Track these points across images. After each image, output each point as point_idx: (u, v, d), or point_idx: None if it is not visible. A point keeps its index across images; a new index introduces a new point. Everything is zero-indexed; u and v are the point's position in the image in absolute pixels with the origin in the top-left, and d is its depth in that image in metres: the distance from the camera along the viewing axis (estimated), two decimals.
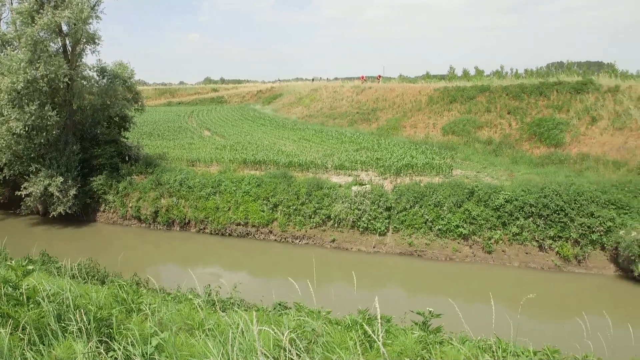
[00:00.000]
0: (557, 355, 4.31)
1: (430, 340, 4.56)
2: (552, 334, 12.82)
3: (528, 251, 20.58)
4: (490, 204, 21.29)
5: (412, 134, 38.39)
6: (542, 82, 37.51)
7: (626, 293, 17.76)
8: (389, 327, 5.37)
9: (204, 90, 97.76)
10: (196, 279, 8.26)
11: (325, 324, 4.99)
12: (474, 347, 4.55)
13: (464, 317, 5.64)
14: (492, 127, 35.17)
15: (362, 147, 33.51)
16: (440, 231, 21.60)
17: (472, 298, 17.19)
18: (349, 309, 5.97)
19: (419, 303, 16.08)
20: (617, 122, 29.28)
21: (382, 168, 26.44)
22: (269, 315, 6.24)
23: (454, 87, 42.49)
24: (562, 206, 20.27)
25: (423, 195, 22.41)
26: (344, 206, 23.01)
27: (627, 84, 33.22)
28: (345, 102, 51.13)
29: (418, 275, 20.29)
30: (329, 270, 20.47)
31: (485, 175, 25.80)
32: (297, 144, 36.41)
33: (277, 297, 8.73)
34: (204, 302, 7.32)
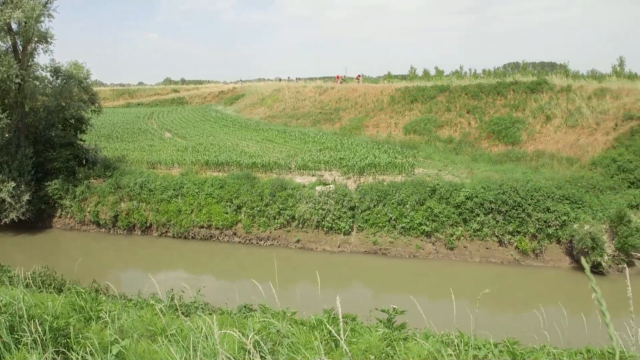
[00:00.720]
0: (516, 347, 4.43)
1: (394, 337, 4.60)
2: (512, 326, 13.21)
3: (488, 246, 21.13)
4: (452, 201, 21.74)
5: (375, 133, 38.79)
6: (499, 82, 38.63)
7: (580, 284, 18.47)
8: (354, 325, 5.39)
9: (164, 91, 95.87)
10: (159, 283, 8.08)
11: (290, 324, 4.97)
12: (437, 342, 4.62)
13: (428, 313, 5.74)
14: (453, 126, 35.94)
15: (325, 147, 33.62)
16: (403, 229, 21.90)
17: (436, 294, 17.50)
18: (315, 308, 5.97)
19: (384, 300, 16.27)
20: (570, 120, 30.44)
21: (345, 168, 26.61)
22: (234, 318, 6.17)
23: (415, 87, 43.20)
24: (519, 202, 20.90)
25: (386, 194, 22.67)
26: (308, 206, 23.03)
27: (578, 83, 34.61)
28: (308, 102, 51.19)
29: (383, 273, 20.51)
30: (294, 271, 20.44)
31: (447, 173, 26.33)
32: (260, 145, 36.20)
33: (242, 300, 8.64)
34: (166, 307, 7.18)
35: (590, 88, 32.50)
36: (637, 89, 29.90)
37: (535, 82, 35.99)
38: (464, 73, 54.23)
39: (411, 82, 47.92)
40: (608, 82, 34.62)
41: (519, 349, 4.44)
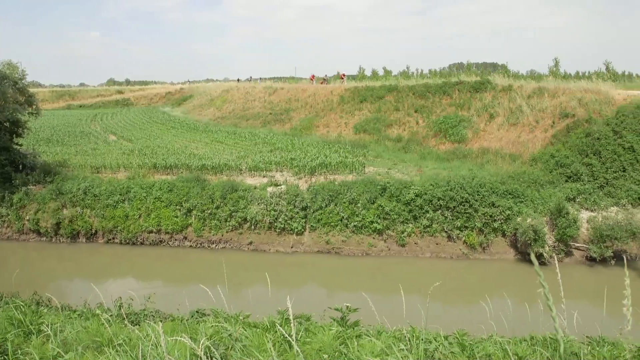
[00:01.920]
0: (465, 338, 4.56)
1: (347, 335, 4.63)
2: (462, 318, 13.61)
3: (438, 242, 21.70)
4: (402, 199, 22.16)
5: (325, 133, 39.02)
6: (445, 82, 39.78)
7: (524, 275, 19.29)
8: (308, 325, 5.39)
9: (108, 92, 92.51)
10: (107, 292, 7.80)
11: (243, 328, 4.92)
12: (390, 337, 4.68)
13: (381, 310, 5.81)
14: (401, 125, 36.68)
15: (276, 147, 33.48)
16: (355, 227, 22.13)
17: (388, 290, 17.73)
18: (270, 310, 5.92)
19: (338, 299, 16.36)
20: (512, 118, 31.73)
21: (296, 168, 26.61)
22: (186, 324, 6.04)
23: (364, 87, 43.79)
24: (466, 198, 21.58)
25: (338, 194, 22.84)
26: (260, 208, 22.86)
27: (518, 83, 36.16)
28: (258, 103, 50.85)
29: (336, 272, 20.65)
30: (247, 273, 20.22)
31: (396, 171, 26.83)
32: (209, 147, 35.59)
33: (195, 305, 8.47)
34: (114, 316, 6.93)
35: (529, 87, 34.01)
36: (570, 88, 31.54)
37: (479, 82, 37.31)
38: (411, 73, 55.52)
39: (360, 82, 48.54)
40: (545, 82, 36.35)
41: (468, 339, 4.57)
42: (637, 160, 24.11)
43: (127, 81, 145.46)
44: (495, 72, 47.86)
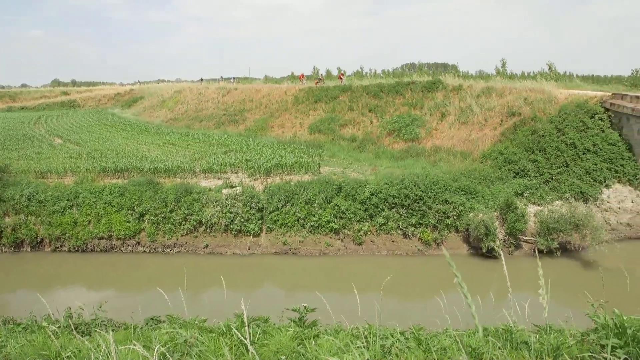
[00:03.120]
0: (421, 332, 4.63)
1: (305, 335, 4.61)
2: (417, 314, 13.89)
3: (394, 239, 22.03)
4: (358, 197, 22.37)
5: (280, 133, 38.89)
6: (397, 81, 40.51)
7: (476, 268, 19.89)
8: (266, 327, 5.33)
9: (53, 93, 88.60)
10: (54, 303, 7.44)
11: (200, 333, 4.81)
12: (348, 335, 4.69)
13: (339, 308, 5.82)
14: (355, 125, 37.04)
15: (230, 149, 33.08)
16: (312, 227, 22.17)
17: (346, 289, 17.86)
18: (227, 314, 5.81)
19: (297, 300, 16.33)
20: (462, 117, 32.66)
21: (252, 169, 26.38)
22: (139, 332, 5.85)
23: (318, 87, 43.95)
24: (420, 195, 22.02)
25: (294, 194, 22.80)
26: (216, 210, 22.51)
27: (468, 83, 37.29)
28: (211, 104, 50.10)
29: (294, 273, 20.60)
30: (204, 277, 19.85)
31: (352, 170, 27.06)
32: (162, 149, 34.75)
33: (150, 312, 8.22)
34: (62, 328, 6.62)
35: (478, 87, 35.13)
36: (517, 88, 32.79)
37: (430, 82, 38.21)
38: (365, 73, 56.19)
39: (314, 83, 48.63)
40: (493, 81, 37.66)
41: (424, 334, 4.64)
42: (578, 156, 25.33)
43: (73, 82, 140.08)
44: (446, 72, 49.22)
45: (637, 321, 3.23)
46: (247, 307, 6.06)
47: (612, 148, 25.33)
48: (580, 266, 19.73)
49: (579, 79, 42.88)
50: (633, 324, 3.10)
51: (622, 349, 2.99)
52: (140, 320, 8.36)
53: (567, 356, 3.21)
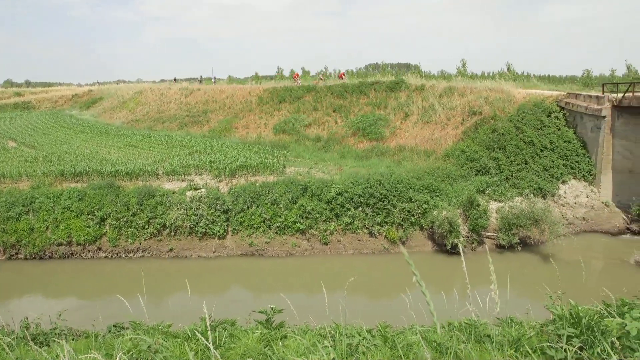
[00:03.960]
0: (388, 330, 4.67)
1: (272, 337, 4.58)
2: (384, 311, 14.02)
3: (360, 238, 22.19)
4: (323, 197, 22.42)
5: (245, 134, 38.59)
6: (361, 82, 40.84)
7: (441, 264, 20.26)
8: (233, 330, 5.28)
9: (5, 94, 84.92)
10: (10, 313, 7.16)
11: (164, 338, 4.71)
12: (316, 335, 4.69)
13: (307, 308, 5.81)
14: (320, 125, 37.13)
15: (194, 150, 32.57)
16: (278, 228, 22.09)
17: (313, 289, 17.92)
18: (194, 318, 5.72)
19: (264, 301, 16.22)
20: (425, 116, 33.20)
21: (216, 171, 26.07)
22: (102, 340, 5.69)
23: (283, 88, 43.84)
24: (385, 194, 22.26)
25: (259, 195, 22.66)
26: (180, 213, 22.14)
27: (430, 83, 37.94)
28: (174, 104, 49.23)
29: (261, 274, 20.47)
30: (169, 281, 19.49)
31: (317, 170, 27.11)
32: (123, 151, 33.90)
33: (113, 319, 8.00)
34: (17, 339, 6.36)
35: (440, 87, 35.80)
36: (477, 87, 33.61)
37: (394, 82, 38.70)
38: (329, 74, 56.26)
39: (278, 83, 48.55)
40: (455, 81, 38.45)
41: (390, 331, 4.69)
42: (536, 153, 26.17)
43: (28, 82, 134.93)
44: (409, 72, 49.89)
45: (592, 311, 3.36)
46: (214, 311, 5.99)
47: (568, 145, 26.28)
48: (540, 260, 20.37)
49: (535, 79, 44.29)
50: (587, 314, 3.22)
51: (578, 337, 3.11)
52: (103, 329, 8.14)
53: (528, 347, 3.31)
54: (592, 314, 3.27)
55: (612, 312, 3.45)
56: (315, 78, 51.47)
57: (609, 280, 18.71)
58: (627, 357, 2.82)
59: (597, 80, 39.84)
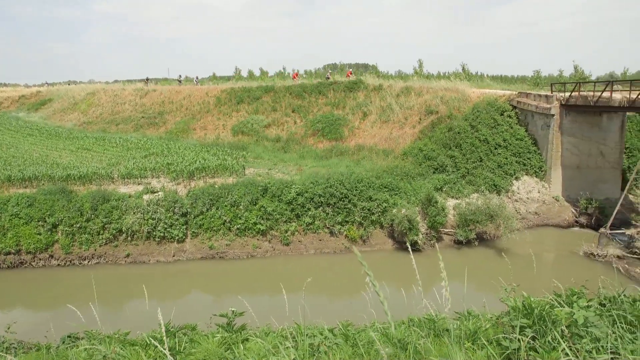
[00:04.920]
0: (350, 328, 4.69)
1: (233, 340, 4.53)
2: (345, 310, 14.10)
3: (321, 238, 22.25)
4: (284, 198, 22.36)
5: (203, 136, 38.05)
6: (320, 82, 40.97)
7: (401, 262, 20.55)
8: (193, 335, 5.19)
9: None
10: None
11: (121, 347, 4.58)
12: (277, 336, 4.66)
13: (269, 310, 5.77)
14: (279, 126, 37.03)
15: (151, 152, 31.81)
16: (239, 230, 21.88)
17: (275, 290, 17.83)
18: (153, 325, 5.58)
19: (226, 304, 16.01)
20: (383, 115, 33.65)
21: (174, 173, 25.56)
22: (55, 352, 5.47)
23: (241, 88, 43.46)
24: (346, 194, 22.41)
25: (219, 197, 22.38)
26: (137, 217, 21.57)
27: (388, 83, 38.48)
28: (129, 106, 47.95)
29: (222, 277, 20.22)
30: (126, 288, 18.95)
31: (277, 171, 27.02)
32: (75, 155, 32.73)
33: (67, 329, 7.71)
34: None
35: (398, 87, 36.37)
36: (433, 87, 34.36)
37: (352, 82, 39.03)
38: (287, 74, 56.09)
39: (236, 83, 48.09)
40: (411, 81, 39.13)
41: (352, 329, 4.71)
42: (491, 151, 26.99)
43: None
44: (367, 72, 50.40)
45: (543, 302, 3.49)
46: (174, 316, 5.87)
47: (520, 143, 27.22)
48: (496, 254, 21.00)
49: (489, 78, 45.63)
50: (539, 305, 3.35)
51: (530, 328, 3.23)
52: (56, 340, 7.84)
53: (484, 339, 3.40)
54: (543, 304, 3.39)
55: (561, 302, 3.59)
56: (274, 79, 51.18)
57: (559, 272, 19.52)
58: (576, 344, 2.93)
59: (546, 80, 41.40)
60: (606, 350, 2.91)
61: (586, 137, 25.49)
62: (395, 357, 3.55)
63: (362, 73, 48.05)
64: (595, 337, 3.03)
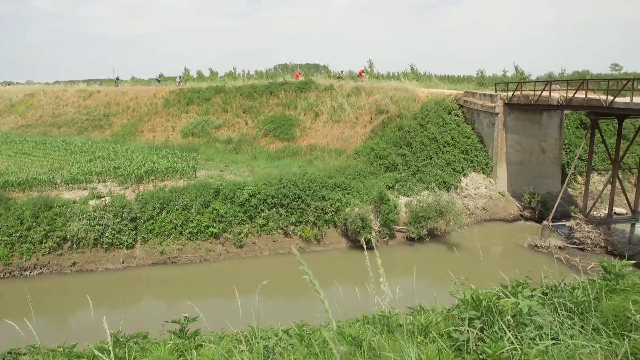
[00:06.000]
0: (304, 328, 4.69)
1: (186, 347, 4.43)
2: (301, 310, 14.10)
3: (275, 239, 22.14)
4: (236, 200, 22.10)
5: (151, 138, 37.09)
6: (271, 82, 40.76)
7: (354, 260, 20.75)
8: (145, 343, 5.04)
9: None
10: None
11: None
12: (232, 340, 4.60)
13: (223, 314, 5.68)
14: (230, 127, 36.59)
15: (96, 156, 30.66)
16: (191, 234, 21.44)
17: (229, 293, 17.58)
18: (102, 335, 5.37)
19: (179, 310, 15.62)
20: (335, 115, 33.87)
21: (121, 177, 24.75)
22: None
23: (190, 89, 42.65)
24: (299, 194, 22.40)
25: (169, 200, 21.85)
26: (82, 224, 20.72)
27: (338, 83, 38.73)
28: (71, 108, 46.06)
29: (175, 282, 19.74)
30: (73, 298, 18.17)
31: (229, 173, 26.69)
32: (13, 160, 31.05)
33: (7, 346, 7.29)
34: None
35: (348, 87, 36.70)
36: (383, 87, 34.91)
37: (303, 82, 39.04)
38: (238, 74, 55.45)
39: (185, 84, 47.14)
40: (365, 82, 39.54)
41: (307, 329, 4.71)
42: (440, 149, 27.71)
43: None
44: (318, 72, 50.55)
45: (490, 294, 3.61)
46: (126, 325, 5.67)
47: (467, 141, 28.11)
48: (446, 249, 21.57)
49: (437, 78, 46.78)
50: (486, 297, 3.46)
51: (479, 319, 3.34)
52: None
53: (435, 332, 3.47)
54: (490, 296, 3.51)
55: (507, 293, 3.72)
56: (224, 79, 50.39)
57: (506, 264, 20.29)
58: (521, 332, 3.05)
59: (490, 80, 42.90)
60: (548, 337, 3.05)
61: (528, 135, 26.64)
62: (350, 355, 3.58)
63: (314, 73, 48.15)
64: (538, 324, 3.17)
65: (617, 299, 3.50)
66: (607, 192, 23.21)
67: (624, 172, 27.67)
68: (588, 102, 21.06)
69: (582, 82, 21.88)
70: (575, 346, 2.94)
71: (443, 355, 3.07)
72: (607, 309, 3.41)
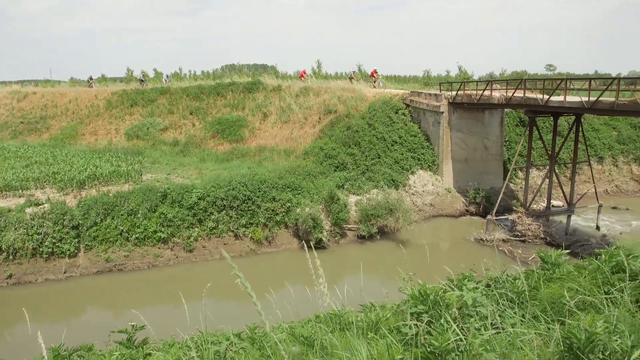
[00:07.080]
0: (256, 331, 4.65)
1: (134, 357, 4.29)
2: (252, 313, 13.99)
3: (226, 242, 21.82)
4: (185, 203, 21.62)
5: (93, 141, 35.70)
6: (218, 83, 40.18)
7: (306, 261, 20.76)
8: (90, 356, 4.85)
9: None
10: None
11: None
12: (182, 347, 4.50)
13: (174, 320, 5.53)
14: (177, 128, 35.80)
15: (33, 161, 29.13)
16: (138, 240, 20.78)
17: (179, 300, 17.19)
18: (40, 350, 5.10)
19: (127, 319, 15.11)
20: (283, 116, 33.80)
21: (61, 183, 23.66)
22: None
23: (134, 90, 41.42)
24: (249, 195, 22.19)
25: (114, 206, 21.09)
26: (19, 233, 19.62)
27: (287, 83, 38.70)
28: (4, 110, 43.60)
29: (121, 291, 19.06)
30: (10, 313, 17.15)
31: (176, 176, 26.09)
32: None
33: None
34: None
35: (296, 87, 36.70)
36: (331, 87, 35.15)
37: (251, 83, 38.73)
38: (183, 75, 54.27)
39: (129, 85, 45.72)
40: (310, 81, 39.60)
41: (259, 332, 4.67)
42: (388, 147, 28.20)
43: None
44: (266, 72, 50.23)
45: (437, 288, 3.71)
46: (69, 337, 5.42)
47: (414, 139, 28.76)
48: (396, 246, 21.98)
49: (383, 78, 47.57)
50: (433, 291, 3.56)
51: (427, 313, 3.42)
52: None
53: (385, 328, 3.53)
54: (437, 290, 3.61)
55: (453, 287, 3.84)
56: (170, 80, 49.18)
57: (453, 258, 20.95)
58: (466, 324, 3.15)
59: (435, 79, 44.06)
60: (491, 327, 3.17)
61: (472, 132, 27.59)
62: (303, 355, 3.57)
63: (261, 73, 47.82)
64: (483, 315, 3.29)
65: (554, 287, 3.68)
66: (545, 186, 24.43)
67: (559, 167, 29.20)
68: (526, 101, 22.05)
69: (520, 81, 22.88)
70: (516, 334, 3.07)
71: (393, 350, 3.12)
72: (545, 297, 3.58)
